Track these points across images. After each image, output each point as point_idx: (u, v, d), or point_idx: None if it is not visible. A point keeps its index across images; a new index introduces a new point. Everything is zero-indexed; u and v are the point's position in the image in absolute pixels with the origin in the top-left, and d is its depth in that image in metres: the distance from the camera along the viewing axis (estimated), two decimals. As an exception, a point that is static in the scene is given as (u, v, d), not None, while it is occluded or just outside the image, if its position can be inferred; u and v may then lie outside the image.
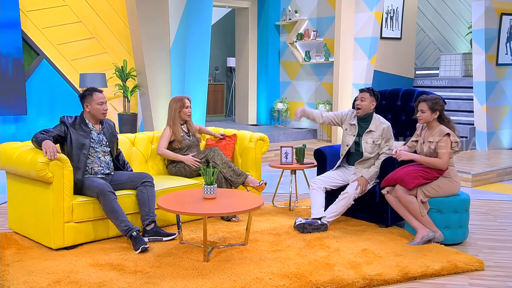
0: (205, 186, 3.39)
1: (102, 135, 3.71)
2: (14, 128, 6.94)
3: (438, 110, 3.63)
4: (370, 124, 3.93)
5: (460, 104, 7.90)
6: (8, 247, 3.41)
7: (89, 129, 3.65)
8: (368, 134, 3.92)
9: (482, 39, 7.25)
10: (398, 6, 8.26)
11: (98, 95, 3.65)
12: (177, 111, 4.30)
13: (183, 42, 7.37)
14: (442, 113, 3.67)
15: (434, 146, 3.59)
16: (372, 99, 3.94)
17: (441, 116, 3.66)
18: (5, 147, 3.65)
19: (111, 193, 3.43)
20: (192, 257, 3.25)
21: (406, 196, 3.58)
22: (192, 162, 4.15)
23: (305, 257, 3.27)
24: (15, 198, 3.66)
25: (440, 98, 3.70)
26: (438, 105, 3.63)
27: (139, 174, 3.76)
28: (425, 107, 3.62)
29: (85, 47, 7.30)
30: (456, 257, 3.26)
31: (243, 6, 9.36)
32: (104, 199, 3.39)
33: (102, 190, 3.39)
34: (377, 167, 3.90)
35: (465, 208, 3.67)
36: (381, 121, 3.96)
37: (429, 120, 3.63)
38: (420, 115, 3.65)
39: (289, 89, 9.35)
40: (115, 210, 3.40)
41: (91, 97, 3.65)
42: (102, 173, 3.65)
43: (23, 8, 6.79)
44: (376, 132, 3.92)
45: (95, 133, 3.68)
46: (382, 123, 3.95)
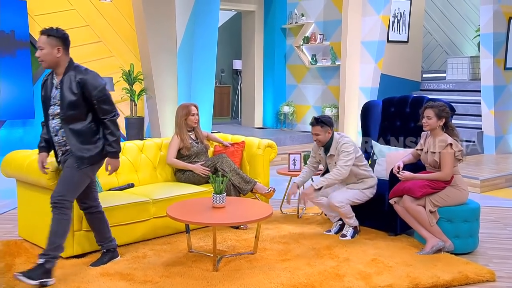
0: (214, 195, 3.39)
1: (58, 90, 2.98)
2: (22, 132, 6.98)
3: (445, 117, 3.60)
4: (331, 148, 3.84)
5: (468, 108, 7.86)
6: (19, 255, 3.42)
7: (52, 84, 3.02)
8: (330, 158, 3.86)
9: (490, 43, 7.22)
10: (405, 9, 8.23)
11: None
12: (183, 119, 4.30)
13: (190, 46, 7.38)
14: (448, 120, 3.65)
15: (437, 157, 3.57)
16: (326, 129, 3.78)
17: (446, 123, 3.64)
18: (15, 155, 3.66)
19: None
20: (201, 267, 3.24)
21: (414, 206, 3.56)
22: (202, 171, 4.15)
23: (314, 266, 3.26)
24: (25, 206, 3.68)
25: (446, 106, 3.67)
26: (444, 112, 3.60)
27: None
28: (432, 113, 3.59)
29: (92, 51, 7.33)
30: (466, 268, 3.24)
31: (250, 9, 9.36)
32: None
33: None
34: (332, 174, 3.73)
35: (475, 217, 3.65)
36: (339, 141, 3.81)
37: (435, 127, 3.60)
38: (426, 121, 3.62)
39: (295, 92, 9.34)
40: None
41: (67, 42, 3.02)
42: (58, 148, 3.08)
43: (31, 13, 6.82)
44: (335, 156, 3.82)
45: (54, 88, 3.01)
46: (339, 143, 3.80)
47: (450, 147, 3.52)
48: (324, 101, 8.70)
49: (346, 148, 3.75)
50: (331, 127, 3.82)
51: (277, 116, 9.48)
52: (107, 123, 3.03)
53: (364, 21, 7.87)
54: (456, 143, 3.55)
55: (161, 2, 7.11)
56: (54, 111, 3.03)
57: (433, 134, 3.64)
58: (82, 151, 3.00)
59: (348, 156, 3.73)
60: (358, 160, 3.84)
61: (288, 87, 9.48)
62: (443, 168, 3.53)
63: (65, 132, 3.01)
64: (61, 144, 3.07)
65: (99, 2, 7.27)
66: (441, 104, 3.65)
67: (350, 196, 3.81)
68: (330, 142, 3.83)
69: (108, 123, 3.03)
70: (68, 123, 2.99)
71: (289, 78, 9.45)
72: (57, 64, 3.02)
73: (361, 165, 3.87)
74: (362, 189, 3.85)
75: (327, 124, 3.80)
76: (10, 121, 6.83)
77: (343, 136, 3.86)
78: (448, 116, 3.61)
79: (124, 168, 4.13)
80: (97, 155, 3.06)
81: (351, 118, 8.08)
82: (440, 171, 3.56)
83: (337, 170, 3.73)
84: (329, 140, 3.83)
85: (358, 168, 3.85)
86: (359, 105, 8.00)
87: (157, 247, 3.60)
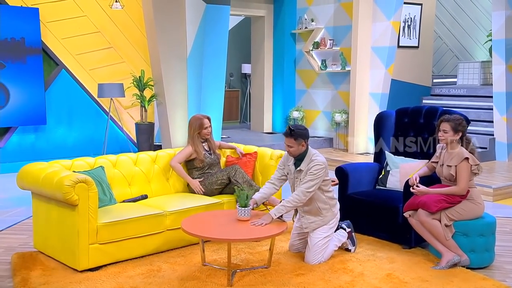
0: (240, 209, 3.42)
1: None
2: (34, 138, 7.02)
3: (461, 131, 3.57)
4: (302, 162, 3.51)
5: (480, 114, 7.81)
6: (34, 268, 3.43)
7: None
8: (298, 173, 3.52)
9: (502, 49, 7.16)
10: (416, 14, 8.19)
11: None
12: (196, 132, 4.29)
13: (200, 52, 7.38)
14: (465, 134, 3.61)
15: (453, 171, 3.53)
16: (300, 141, 3.45)
17: (462, 137, 3.60)
18: (31, 168, 3.68)
19: None
20: (216, 281, 3.24)
21: (429, 220, 3.54)
22: (198, 189, 4.16)
23: (329, 282, 3.24)
24: (40, 219, 3.69)
25: (463, 119, 3.63)
26: (461, 126, 3.57)
27: None
28: (448, 127, 3.56)
29: (103, 57, 7.36)
30: (483, 284, 3.21)
31: (260, 14, 9.35)
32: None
33: None
34: (291, 200, 3.43)
35: (491, 231, 3.62)
36: (312, 158, 3.48)
37: (451, 141, 3.57)
38: (442, 135, 3.59)
39: (305, 98, 9.32)
40: None
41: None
42: None
43: (43, 19, 6.86)
44: (304, 173, 3.48)
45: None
46: (312, 160, 3.47)
47: (467, 161, 3.48)
48: (333, 106, 8.67)
49: (315, 170, 3.43)
50: (305, 139, 3.48)
51: (287, 121, 9.46)
52: None
53: (375, 26, 7.83)
54: (473, 157, 3.52)
55: (171, 9, 7.12)
56: None
57: (450, 147, 3.60)
58: None
59: (313, 181, 3.41)
60: (325, 184, 3.54)
61: (298, 92, 9.46)
62: (459, 182, 3.50)
63: None
64: None
65: (110, 9, 7.30)
66: (458, 117, 3.61)
67: (320, 248, 3.54)
68: (303, 155, 3.50)
69: None
70: None
71: (298, 83, 9.44)
72: None
73: (326, 191, 3.56)
74: (325, 218, 3.58)
75: (302, 136, 3.46)
76: (22, 127, 6.88)
77: (317, 154, 3.52)
78: (464, 129, 3.58)
79: (138, 179, 4.14)
80: None
81: (361, 124, 8.05)
82: (455, 184, 3.54)
83: (297, 196, 3.42)
84: (303, 153, 3.50)
85: (322, 194, 3.54)
86: (369, 111, 7.97)
87: (171, 260, 3.61)
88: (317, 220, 3.59)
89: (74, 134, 7.31)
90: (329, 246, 3.62)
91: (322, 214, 3.58)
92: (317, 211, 3.58)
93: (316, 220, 3.59)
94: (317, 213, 3.58)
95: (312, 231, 3.60)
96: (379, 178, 4.43)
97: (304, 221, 3.63)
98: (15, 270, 3.38)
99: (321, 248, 3.56)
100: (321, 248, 3.56)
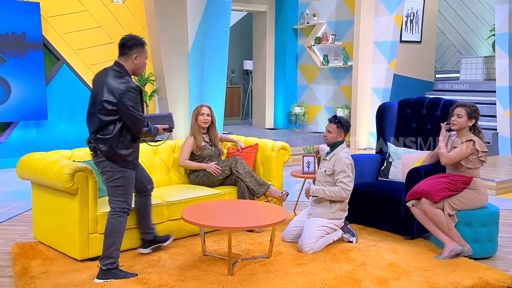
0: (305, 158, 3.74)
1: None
2: (35, 133, 7.01)
3: (475, 118, 3.54)
4: (331, 153, 3.72)
5: (483, 108, 7.74)
6: (34, 257, 3.42)
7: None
8: (323, 162, 3.77)
9: (505, 43, 7.11)
10: (418, 9, 8.15)
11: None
12: (194, 118, 4.31)
13: (202, 47, 7.37)
14: (477, 122, 3.58)
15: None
16: (340, 131, 3.68)
17: (474, 125, 3.58)
18: (30, 157, 3.67)
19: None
20: (216, 270, 3.22)
21: (432, 210, 3.50)
22: (214, 170, 4.13)
23: (330, 271, 3.22)
24: (40, 209, 3.68)
25: (477, 108, 3.61)
26: (475, 112, 3.55)
27: (147, 175, 3.44)
28: (463, 112, 3.52)
29: (104, 52, 7.34)
30: (486, 273, 3.18)
31: (261, 10, 9.33)
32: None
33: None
34: (330, 191, 3.61)
35: (494, 221, 3.59)
36: (341, 151, 3.69)
37: (464, 127, 3.53)
38: (456, 119, 3.54)
39: (306, 93, 9.29)
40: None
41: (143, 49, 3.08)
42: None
43: (44, 14, 6.85)
44: (329, 162, 3.69)
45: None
46: (340, 154, 3.67)
47: (472, 144, 3.45)
48: (335, 101, 8.64)
49: (348, 168, 3.64)
50: (345, 132, 3.72)
51: (288, 116, 9.43)
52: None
53: (377, 21, 7.80)
54: (481, 144, 3.49)
55: (173, 4, 7.11)
56: None
57: (459, 134, 3.57)
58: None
59: (349, 178, 3.63)
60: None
61: (300, 87, 9.43)
62: (451, 153, 3.49)
63: None
64: None
65: (112, 4, 7.28)
66: (473, 104, 3.60)
67: (314, 235, 3.58)
68: (336, 145, 3.73)
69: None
70: None
71: (300, 79, 9.41)
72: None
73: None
74: (330, 213, 3.66)
75: (343, 127, 3.71)
76: (23, 122, 6.87)
77: (347, 152, 3.73)
78: (477, 118, 3.56)
79: (138, 170, 4.11)
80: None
81: (363, 119, 8.01)
82: (460, 171, 3.50)
83: (339, 190, 3.61)
84: (336, 143, 3.73)
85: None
86: (371, 106, 7.94)
87: (172, 250, 3.59)
88: (323, 211, 3.68)
89: (75, 129, 7.29)
90: (324, 237, 3.64)
91: (330, 207, 3.68)
92: (327, 203, 3.69)
93: (323, 212, 3.68)
94: (326, 205, 3.70)
95: (310, 218, 3.67)
96: (381, 170, 4.40)
97: (312, 210, 3.74)
98: (15, 260, 3.37)
99: (315, 235, 3.58)
100: (315, 235, 3.58)
